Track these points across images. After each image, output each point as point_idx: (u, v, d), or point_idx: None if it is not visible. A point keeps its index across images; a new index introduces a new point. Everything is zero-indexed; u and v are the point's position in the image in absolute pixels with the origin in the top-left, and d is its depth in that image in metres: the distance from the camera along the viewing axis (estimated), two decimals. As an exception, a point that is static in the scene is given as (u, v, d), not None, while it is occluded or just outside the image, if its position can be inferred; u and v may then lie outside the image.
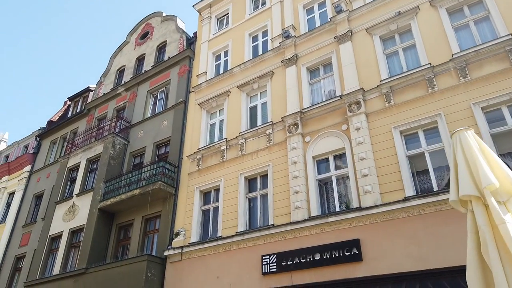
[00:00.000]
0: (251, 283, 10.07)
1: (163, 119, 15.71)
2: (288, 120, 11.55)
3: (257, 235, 10.52)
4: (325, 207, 10.24)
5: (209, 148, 13.22)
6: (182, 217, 12.69)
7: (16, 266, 18.01)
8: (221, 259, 10.99)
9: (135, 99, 17.68)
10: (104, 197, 14.43)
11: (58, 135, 20.96)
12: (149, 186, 13.05)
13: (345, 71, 11.23)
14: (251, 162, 11.99)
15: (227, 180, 12.22)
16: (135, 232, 13.71)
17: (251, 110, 13.34)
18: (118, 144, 15.98)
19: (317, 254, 9.30)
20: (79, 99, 22.05)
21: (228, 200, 11.85)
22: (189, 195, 12.94)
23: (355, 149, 9.92)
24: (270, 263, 9.93)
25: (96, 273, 12.79)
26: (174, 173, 13.67)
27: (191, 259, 11.63)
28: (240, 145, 12.46)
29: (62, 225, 15.33)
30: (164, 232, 12.82)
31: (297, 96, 11.92)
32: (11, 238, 18.96)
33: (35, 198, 19.54)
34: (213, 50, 15.88)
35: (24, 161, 21.38)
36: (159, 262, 12.05)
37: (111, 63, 20.81)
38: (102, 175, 15.06)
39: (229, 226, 11.36)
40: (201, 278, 11.07)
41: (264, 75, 13.21)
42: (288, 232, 10.03)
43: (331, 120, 10.89)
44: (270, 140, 11.85)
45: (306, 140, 11.09)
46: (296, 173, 10.64)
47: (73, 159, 17.02)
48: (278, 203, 10.68)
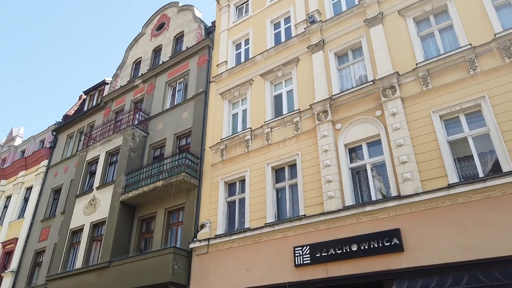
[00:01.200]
0: (284, 275, 9.73)
1: (183, 110, 15.38)
2: (316, 108, 11.13)
3: (288, 226, 10.15)
4: (358, 196, 9.84)
5: (232, 138, 12.86)
6: (207, 209, 12.38)
7: (36, 261, 17.91)
8: (250, 251, 10.66)
9: (153, 90, 17.38)
10: (126, 189, 14.18)
11: (75, 129, 20.78)
12: (173, 177, 12.75)
13: (377, 55, 10.76)
14: (278, 151, 11.61)
15: (253, 171, 11.87)
16: (158, 225, 13.44)
17: (276, 98, 12.93)
18: (138, 136, 15.70)
19: (354, 245, 8.92)
20: (94, 93, 21.83)
21: (255, 191, 11.50)
22: (213, 187, 12.61)
23: (392, 136, 9.48)
24: (303, 255, 9.58)
25: (120, 267, 12.55)
26: (197, 164, 13.35)
27: (218, 251, 11.32)
28: (266, 135, 12.08)
29: (83, 219, 15.13)
30: (188, 224, 12.53)
31: (326, 82, 11.48)
32: (30, 233, 18.87)
33: (53, 192, 19.40)
34: (233, 38, 15.48)
35: (41, 156, 21.26)
36: (184, 254, 11.77)
37: (127, 55, 20.52)
38: (122, 167, 14.80)
39: (257, 218, 11.02)
40: (230, 271, 10.75)
41: (289, 62, 12.79)
42: (321, 222, 9.65)
43: (364, 106, 10.45)
44: (297, 129, 11.45)
45: (336, 127, 10.66)
46: (327, 161, 10.24)
47: (92, 152, 16.80)
48: (309, 193, 10.30)
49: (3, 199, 22.47)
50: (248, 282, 10.26)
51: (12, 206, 21.05)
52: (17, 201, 21.13)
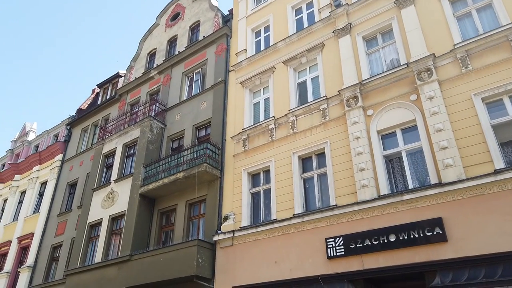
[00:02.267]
0: (315, 268, 9.32)
1: (201, 100, 14.99)
2: (345, 93, 10.67)
3: (318, 216, 9.73)
4: (393, 185, 9.37)
5: (255, 127, 12.45)
6: (230, 200, 11.99)
7: (52, 256, 17.69)
8: (278, 243, 10.26)
9: (169, 81, 17.00)
10: (145, 182, 13.85)
11: (89, 123, 20.51)
12: (194, 168, 12.38)
13: (410, 37, 10.25)
14: (304, 140, 11.18)
15: (278, 160, 11.44)
16: (179, 218, 13.09)
17: (300, 85, 12.48)
18: (156, 128, 15.35)
19: (392, 235, 8.47)
20: (108, 86, 21.53)
21: (280, 182, 11.08)
22: (236, 178, 12.21)
23: (429, 120, 8.99)
24: (336, 246, 9.15)
25: (141, 260, 12.23)
26: (218, 155, 12.96)
27: (244, 243, 10.94)
28: (291, 123, 11.64)
29: (101, 212, 14.84)
30: (211, 216, 12.16)
31: (354, 67, 11.00)
32: (46, 228, 18.64)
33: (68, 186, 19.16)
34: (252, 26, 15.02)
35: (55, 150, 21.03)
36: (208, 247, 11.41)
37: (141, 47, 20.17)
38: (141, 159, 14.47)
39: (284, 209, 10.61)
40: (257, 264, 10.37)
41: (313, 48, 12.31)
42: (355, 212, 9.21)
43: (397, 90, 9.95)
44: (325, 116, 11.00)
45: (368, 113, 10.19)
46: (359, 149, 9.78)
47: (108, 145, 16.49)
48: (340, 182, 9.86)
49: (18, 194, 22.30)
50: (277, 275, 9.87)
51: (27, 201, 20.86)
52: (32, 196, 20.94)
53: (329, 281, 9.03)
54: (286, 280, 9.67)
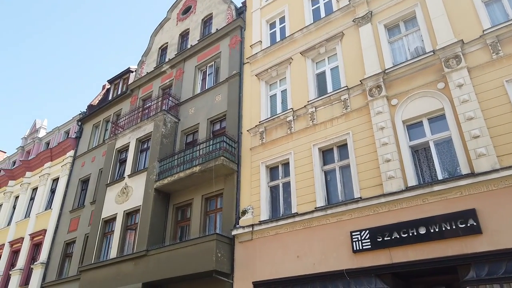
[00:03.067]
0: (340, 262, 9.03)
1: (216, 93, 14.73)
2: (368, 83, 10.35)
3: (342, 209, 9.44)
4: (420, 176, 9.04)
5: (273, 120, 12.16)
6: (248, 194, 11.74)
7: (66, 252, 17.56)
8: (299, 237, 9.98)
9: (182, 75, 16.77)
10: (160, 176, 13.64)
11: (101, 118, 20.36)
12: (211, 162, 12.13)
13: (435, 24, 9.90)
14: (325, 132, 10.88)
15: (297, 153, 11.16)
16: (195, 212, 12.86)
17: (318, 76, 12.17)
18: (169, 122, 15.12)
19: (422, 228, 8.16)
20: (119, 81, 21.35)
21: (301, 174, 10.80)
22: (254, 171, 11.95)
23: (459, 109, 8.65)
24: (362, 240, 8.86)
25: (158, 255, 12.03)
26: (234, 148, 12.70)
27: (263, 238, 10.68)
28: (310, 115, 11.35)
29: (115, 208, 14.66)
30: (228, 211, 11.91)
31: (376, 56, 10.67)
32: (59, 224, 18.52)
33: (81, 182, 19.03)
34: (267, 17, 14.72)
35: (66, 146, 20.91)
36: (227, 242, 11.16)
37: (152, 42, 19.95)
38: (155, 154, 14.26)
39: (305, 202, 10.33)
40: (278, 258, 10.10)
41: (332, 38, 11.99)
42: (382, 205, 8.91)
43: (423, 79, 9.61)
44: (346, 107, 10.69)
45: (392, 103, 9.86)
46: (385, 139, 9.46)
47: (121, 140, 16.31)
48: (364, 174, 9.55)
49: (29, 191, 22.23)
50: (299, 270, 9.60)
51: (39, 198, 20.77)
52: (43, 192, 20.84)
53: (355, 275, 8.74)
54: (309, 275, 9.40)
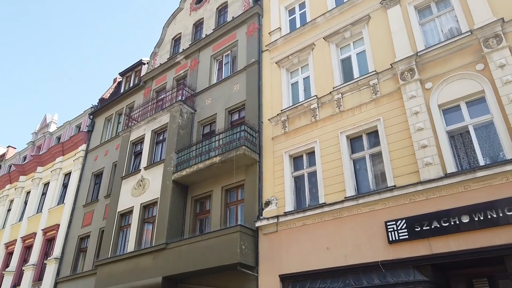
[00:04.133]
0: (374, 253, 8.59)
1: (233, 83, 14.29)
2: (399, 67, 9.86)
3: (375, 199, 8.98)
4: (457, 162, 8.54)
5: (296, 108, 11.71)
6: (271, 185, 11.31)
7: (80, 247, 17.26)
8: (328, 228, 9.55)
9: (197, 66, 16.35)
10: (177, 168, 13.25)
11: (113, 111, 20.01)
12: (232, 152, 11.70)
13: (471, 3, 9.38)
14: (352, 118, 10.41)
15: (323, 141, 10.71)
16: (215, 204, 12.46)
17: (343, 62, 11.69)
18: (186, 113, 14.72)
19: (465, 216, 7.69)
20: (131, 74, 20.98)
21: (327, 163, 10.35)
22: (277, 161, 11.52)
23: (502, 90, 8.15)
24: (398, 230, 8.40)
25: (178, 248, 11.66)
26: (255, 138, 12.27)
27: (289, 229, 10.26)
28: (336, 101, 10.88)
29: (131, 201, 14.30)
30: (250, 202, 11.49)
31: (407, 39, 10.18)
32: (72, 219, 18.22)
33: (94, 176, 18.71)
34: (286, 4, 14.24)
35: (78, 140, 20.60)
36: (250, 234, 10.76)
37: (165, 32, 19.55)
38: (172, 145, 13.87)
39: (333, 192, 9.88)
40: (306, 250, 9.68)
41: (357, 21, 11.50)
42: (419, 193, 8.44)
43: (459, 60, 9.11)
44: (376, 92, 10.21)
45: (426, 87, 9.37)
46: (420, 124, 8.98)
47: (136, 132, 15.94)
48: (398, 162, 9.08)
49: (41, 186, 21.97)
50: (329, 262, 9.17)
51: (51, 193, 20.49)
52: (55, 187, 20.56)
53: (391, 267, 8.30)
54: (340, 267, 8.97)
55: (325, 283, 9.09)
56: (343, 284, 8.80)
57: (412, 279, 7.90)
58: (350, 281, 8.73)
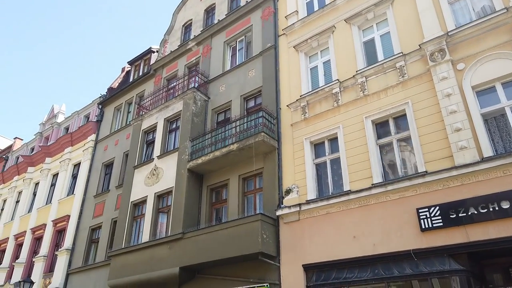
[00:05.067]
0: (405, 242, 8.22)
1: (248, 69, 13.87)
2: (428, 47, 9.40)
3: (405, 185, 8.59)
4: (494, 145, 8.12)
5: (316, 93, 11.29)
6: (291, 172, 10.94)
7: (91, 238, 17.01)
8: (355, 216, 9.18)
9: (209, 52, 15.91)
10: (192, 156, 12.89)
11: (122, 101, 19.62)
12: (250, 139, 11.32)
13: (506, -21, 8.89)
14: (378, 102, 9.99)
15: (347, 127, 10.31)
16: (232, 193, 12.11)
17: (366, 44, 11.23)
18: (199, 100, 14.33)
19: (505, 202, 7.31)
20: (140, 62, 20.57)
21: (352, 149, 9.96)
22: (297, 148, 11.14)
23: (543, 69, 7.71)
24: (431, 217, 8.02)
25: (195, 238, 11.35)
26: (274, 124, 11.88)
27: (312, 218, 9.90)
28: (360, 85, 10.45)
29: (144, 190, 13.98)
30: (270, 190, 11.13)
31: (436, 18, 9.70)
32: (83, 210, 17.96)
33: (104, 167, 18.40)
34: (302, -14, 13.74)
35: (87, 130, 20.26)
36: (271, 222, 10.42)
37: (175, 19, 19.08)
38: (186, 133, 13.50)
39: (359, 179, 9.50)
40: (331, 239, 9.33)
41: (381, 2, 11.00)
42: (453, 178, 8.04)
43: (494, 40, 8.65)
44: (403, 74, 9.77)
45: (458, 68, 8.92)
46: (452, 107, 8.56)
47: (148, 121, 15.57)
48: (429, 146, 8.68)
49: (50, 177, 21.70)
50: (357, 252, 8.82)
51: (60, 184, 20.21)
52: (65, 178, 20.27)
53: (423, 256, 7.94)
54: (369, 257, 8.62)
55: (352, 272, 8.75)
56: (372, 273, 8.45)
57: (447, 268, 7.53)
58: (379, 271, 8.38)
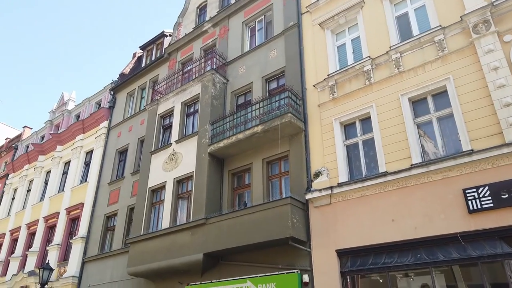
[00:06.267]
0: (450, 224, 7.73)
1: (270, 49, 13.30)
2: (471, 19, 8.80)
3: (450, 164, 8.06)
4: (546, 123, 7.59)
5: (345, 71, 10.73)
6: (319, 155, 10.45)
7: (107, 226, 16.67)
8: (393, 199, 8.69)
9: (227, 33, 15.34)
10: (213, 140, 12.42)
11: (135, 86, 19.13)
12: (276, 120, 10.81)
13: None
14: (415, 79, 9.42)
15: (380, 106, 9.77)
16: (255, 178, 11.64)
17: (399, 19, 10.62)
18: (218, 83, 13.79)
19: None
20: (152, 47, 20.02)
21: (387, 129, 9.43)
22: (325, 129, 10.62)
23: None
24: (480, 198, 7.51)
25: (219, 224, 10.92)
26: (299, 105, 11.35)
27: (345, 201, 9.43)
28: (394, 61, 9.87)
29: (163, 176, 13.54)
30: (297, 173, 10.65)
31: (478, -12, 9.08)
32: (97, 197, 17.60)
33: (118, 153, 17.99)
34: (326, -39, 13.08)
35: (100, 117, 19.83)
36: (300, 206, 9.95)
37: (189, 1, 18.46)
38: (206, 116, 13.01)
39: (396, 159, 8.98)
40: (366, 223, 8.85)
41: (415, -27, 10.40)
42: (504, 156, 7.52)
43: (546, 8, 8.05)
44: (442, 49, 9.18)
45: (505, 39, 8.33)
46: (501, 81, 7.99)
47: (164, 105, 15.08)
48: (474, 123, 8.13)
49: (61, 165, 21.34)
50: (396, 235, 8.35)
51: (73, 171, 19.85)
52: (77, 166, 19.90)
53: (471, 239, 7.47)
54: (409, 241, 8.15)
55: (392, 257, 8.28)
56: (414, 258, 7.98)
57: (499, 252, 7.05)
58: (422, 255, 7.91)
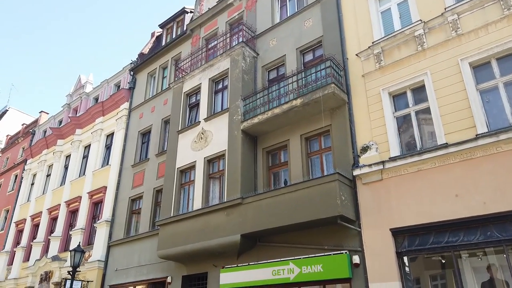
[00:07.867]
0: (528, 198, 6.96)
1: (304, 19, 12.44)
2: (544, -29, 7.87)
3: (524, 132, 7.27)
4: None
5: (394, 37, 9.86)
6: (366, 128, 9.69)
7: (132, 209, 16.21)
8: (455, 172, 7.93)
9: (254, 5, 14.48)
10: (246, 116, 11.72)
11: (156, 66, 18.43)
12: (317, 92, 10.04)
13: None
14: (476, 42, 8.54)
15: (436, 73, 8.92)
16: (294, 155, 10.94)
17: (453, -21, 9.69)
18: (248, 57, 13.02)
19: None
20: (172, 25, 19.25)
21: (444, 98, 8.61)
22: (372, 101, 9.83)
23: None
24: None
25: (257, 203, 10.28)
26: (341, 76, 10.55)
27: (399, 176, 8.69)
28: (451, 24, 8.98)
29: (192, 155, 12.93)
30: (342, 149, 9.92)
31: None
32: (120, 180, 17.14)
33: (140, 135, 17.42)
34: None
35: (120, 99, 19.23)
36: (347, 183, 9.24)
37: (211, -26, 17.59)
38: (237, 92, 12.29)
39: (457, 130, 8.19)
40: (425, 199, 8.12)
41: None
42: None
43: None
44: (508, 7, 8.27)
45: None
46: None
47: (190, 83, 14.38)
48: (552, 86, 7.29)
49: (81, 148, 20.89)
50: (461, 212, 7.61)
51: (94, 155, 19.39)
52: (98, 149, 19.43)
53: (553, 214, 6.69)
54: (478, 217, 7.41)
55: (457, 236, 7.57)
56: (484, 236, 7.27)
57: None
58: (492, 233, 7.19)
